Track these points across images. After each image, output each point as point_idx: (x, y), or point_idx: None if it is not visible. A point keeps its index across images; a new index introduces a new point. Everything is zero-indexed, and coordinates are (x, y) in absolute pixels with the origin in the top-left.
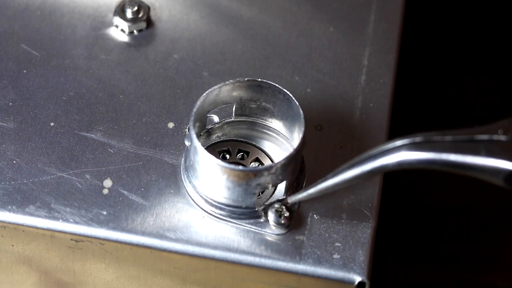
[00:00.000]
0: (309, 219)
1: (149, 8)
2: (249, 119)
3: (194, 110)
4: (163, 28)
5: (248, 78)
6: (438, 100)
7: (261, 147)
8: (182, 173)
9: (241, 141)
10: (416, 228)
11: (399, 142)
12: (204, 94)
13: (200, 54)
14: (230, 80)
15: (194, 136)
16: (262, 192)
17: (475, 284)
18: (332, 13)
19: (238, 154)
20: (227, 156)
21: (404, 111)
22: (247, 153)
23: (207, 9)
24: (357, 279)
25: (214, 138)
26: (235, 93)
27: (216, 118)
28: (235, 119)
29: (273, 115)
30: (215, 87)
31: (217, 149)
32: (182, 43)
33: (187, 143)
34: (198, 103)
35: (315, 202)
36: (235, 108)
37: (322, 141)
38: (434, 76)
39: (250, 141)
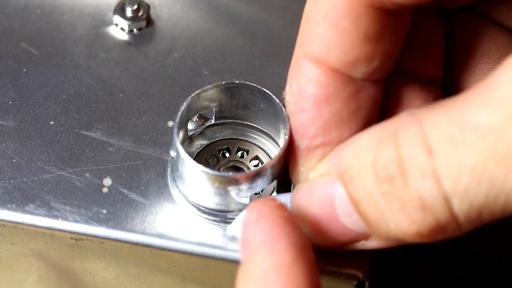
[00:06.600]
0: None
1: (149, 6)
2: (230, 121)
3: (177, 120)
4: (163, 27)
5: (225, 82)
6: None
7: (260, 145)
8: (170, 183)
9: (241, 139)
10: None
11: None
12: (185, 102)
13: (200, 52)
14: (208, 86)
15: (179, 146)
16: (256, 194)
17: (475, 281)
18: None
19: (238, 153)
20: (227, 154)
21: None
22: (247, 151)
23: (206, 7)
24: (357, 277)
25: (197, 144)
26: (214, 98)
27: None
28: (215, 122)
29: (254, 116)
30: (193, 94)
31: (217, 147)
32: (182, 41)
33: (172, 154)
34: (180, 112)
35: None
36: (215, 111)
37: None
38: None
39: (249, 140)
